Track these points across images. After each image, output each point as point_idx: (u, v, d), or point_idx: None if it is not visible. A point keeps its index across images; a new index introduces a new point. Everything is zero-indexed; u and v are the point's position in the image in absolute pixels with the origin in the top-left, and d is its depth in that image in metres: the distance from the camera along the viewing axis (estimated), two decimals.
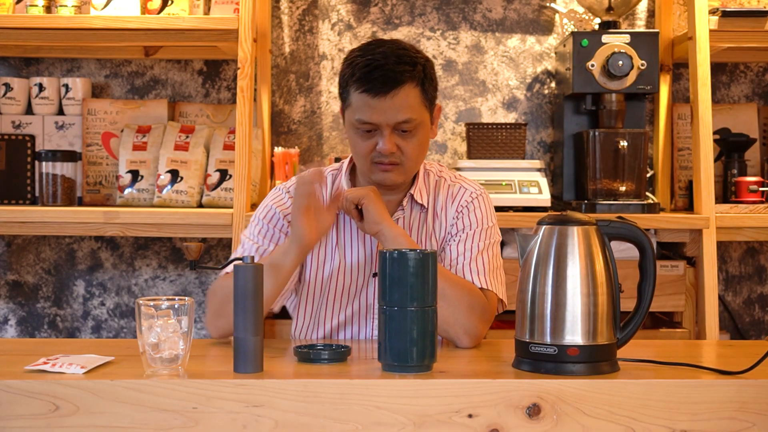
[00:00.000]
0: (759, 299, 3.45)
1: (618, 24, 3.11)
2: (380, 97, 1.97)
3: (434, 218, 2.13)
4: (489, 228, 2.12)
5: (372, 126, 2.00)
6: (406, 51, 2.02)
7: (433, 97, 2.06)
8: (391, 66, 1.97)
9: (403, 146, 2.02)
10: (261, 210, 2.14)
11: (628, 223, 1.75)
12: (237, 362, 1.67)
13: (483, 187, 2.19)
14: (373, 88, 1.97)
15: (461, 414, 1.58)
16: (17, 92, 3.33)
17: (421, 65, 2.01)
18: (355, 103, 2.01)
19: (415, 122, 2.01)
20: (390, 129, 2.00)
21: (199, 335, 3.44)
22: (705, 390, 1.62)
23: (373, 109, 1.98)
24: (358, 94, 1.99)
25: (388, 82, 1.96)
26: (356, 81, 1.99)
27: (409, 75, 1.98)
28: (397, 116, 1.99)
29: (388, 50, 2.00)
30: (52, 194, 3.12)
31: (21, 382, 1.59)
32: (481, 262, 2.06)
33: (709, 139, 2.96)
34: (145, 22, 3.00)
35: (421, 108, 2.02)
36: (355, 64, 2.00)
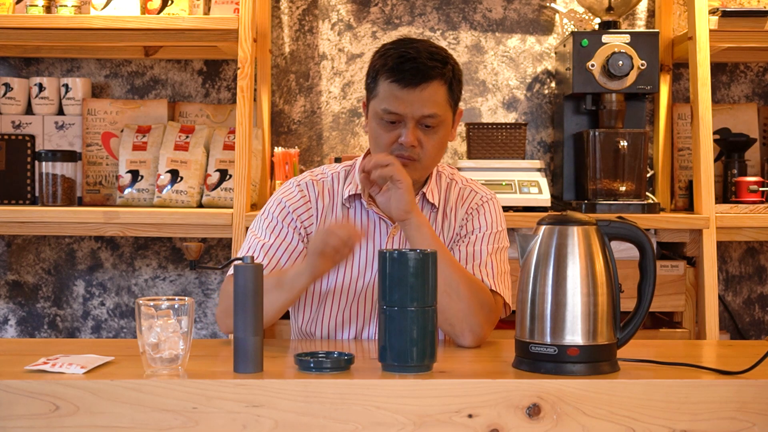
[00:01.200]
0: (759, 299, 3.45)
1: (618, 24, 3.11)
2: (410, 88, 2.00)
3: (443, 219, 2.14)
4: (498, 232, 2.13)
5: (397, 117, 2.02)
6: (439, 50, 2.06)
7: (458, 99, 2.09)
8: (423, 60, 2.00)
9: (424, 141, 2.04)
10: (272, 204, 2.13)
11: (628, 223, 1.75)
12: (237, 362, 1.67)
13: (494, 193, 2.20)
14: (403, 79, 1.99)
15: (461, 414, 1.58)
16: (17, 92, 3.33)
17: (452, 65, 2.05)
18: (382, 93, 2.03)
19: (439, 119, 2.03)
20: (414, 122, 2.02)
21: (199, 335, 3.44)
22: (705, 390, 1.62)
23: (400, 100, 2.01)
24: (387, 83, 2.02)
25: (418, 74, 1.99)
26: (388, 71, 2.01)
27: (439, 72, 2.01)
28: (423, 110, 2.01)
29: (421, 46, 2.03)
30: (52, 194, 3.12)
31: (21, 382, 1.59)
32: (491, 265, 2.07)
33: (709, 139, 2.96)
34: (145, 22, 3.00)
35: (446, 106, 2.05)
36: (388, 55, 2.03)
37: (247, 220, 2.89)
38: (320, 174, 2.17)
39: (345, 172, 2.17)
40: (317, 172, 2.18)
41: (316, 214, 2.12)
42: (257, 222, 2.13)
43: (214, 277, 3.44)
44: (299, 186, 2.14)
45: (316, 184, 2.14)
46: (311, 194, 2.12)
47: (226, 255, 3.41)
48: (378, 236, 2.11)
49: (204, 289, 3.46)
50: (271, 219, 2.11)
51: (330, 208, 2.12)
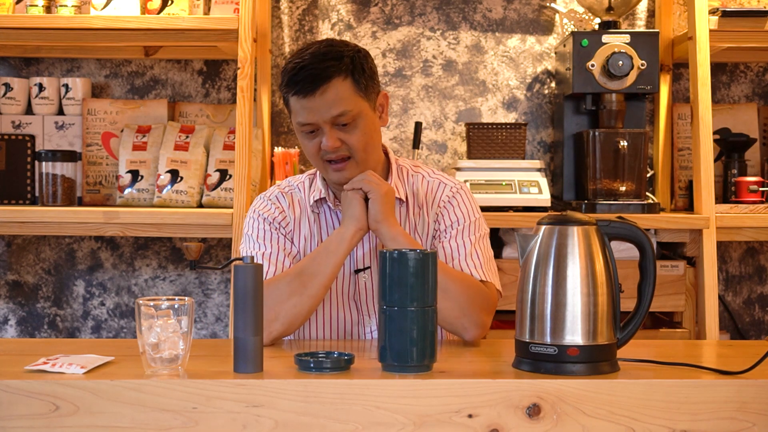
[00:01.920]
0: (759, 299, 3.45)
1: (618, 24, 3.11)
2: (310, 96, 2.00)
3: (416, 212, 2.15)
4: (476, 220, 2.15)
5: (312, 126, 2.03)
6: (333, 47, 2.04)
7: (368, 86, 2.06)
8: (315, 64, 2.00)
9: (346, 139, 2.04)
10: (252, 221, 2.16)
11: (628, 223, 1.75)
12: (237, 362, 1.67)
13: (462, 181, 2.21)
14: (302, 89, 2.00)
15: (461, 414, 1.58)
16: (17, 92, 3.33)
17: (349, 57, 2.03)
18: (293, 108, 2.05)
19: (352, 113, 2.03)
20: (329, 125, 2.03)
21: (199, 335, 3.44)
22: (705, 390, 1.62)
23: (307, 109, 2.02)
24: (292, 97, 2.03)
25: (315, 79, 1.99)
26: (286, 85, 2.03)
27: (335, 69, 2.01)
28: (331, 111, 2.01)
29: (315, 50, 2.03)
30: (52, 194, 3.12)
31: (21, 382, 1.59)
32: (476, 255, 2.09)
33: (709, 139, 2.96)
34: (145, 22, 3.00)
35: (355, 98, 2.03)
36: (285, 70, 2.05)
37: None
38: (287, 186, 2.21)
39: (309, 180, 2.20)
40: (283, 185, 2.22)
41: (291, 221, 2.15)
42: (247, 241, 2.15)
43: (214, 277, 3.44)
44: (270, 200, 2.18)
45: (285, 196, 2.18)
46: (283, 204, 2.17)
47: (226, 255, 3.41)
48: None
49: (204, 289, 3.46)
50: (259, 232, 2.13)
51: (302, 216, 2.16)
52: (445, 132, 3.42)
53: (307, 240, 2.14)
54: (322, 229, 2.15)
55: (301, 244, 2.14)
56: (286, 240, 2.13)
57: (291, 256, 2.11)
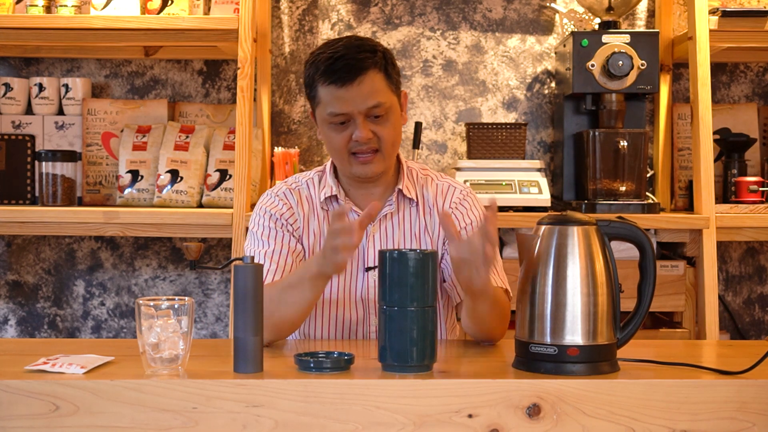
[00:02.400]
0: (759, 299, 3.45)
1: (618, 24, 3.11)
2: (347, 85, 2.00)
3: (426, 213, 2.15)
4: None
5: (345, 117, 2.03)
6: (364, 41, 2.07)
7: (397, 83, 2.10)
8: (352, 54, 2.01)
9: (378, 131, 2.04)
10: (258, 217, 2.15)
11: (628, 223, 1.75)
12: (237, 362, 1.67)
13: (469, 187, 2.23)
14: (339, 78, 2.00)
15: (461, 414, 1.58)
16: (17, 92, 3.33)
17: (381, 52, 2.06)
18: (324, 98, 2.04)
19: (386, 106, 2.04)
20: (363, 116, 2.03)
21: (199, 335, 3.44)
22: (705, 390, 1.62)
23: (342, 99, 2.02)
24: (325, 87, 2.03)
25: (352, 69, 2.00)
26: (322, 75, 2.03)
27: (371, 61, 2.02)
28: (367, 102, 2.02)
29: (348, 42, 2.05)
30: (52, 194, 3.12)
31: (21, 382, 1.59)
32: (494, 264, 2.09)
33: (709, 139, 2.96)
34: (145, 22, 3.00)
35: (388, 92, 2.05)
36: (318, 60, 2.05)
37: (247, 220, 2.89)
38: (294, 183, 2.20)
39: (318, 177, 2.19)
40: (291, 181, 2.21)
41: (300, 218, 2.14)
42: (251, 237, 2.14)
43: (214, 277, 3.44)
44: (278, 196, 2.16)
45: (294, 192, 2.16)
46: (291, 201, 2.15)
47: (226, 255, 3.41)
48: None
49: (204, 289, 3.46)
50: (264, 228, 2.12)
51: (311, 213, 2.15)
52: (445, 132, 3.42)
53: (316, 237, 2.13)
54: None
55: (310, 242, 2.12)
56: (292, 237, 2.11)
57: (295, 255, 2.09)
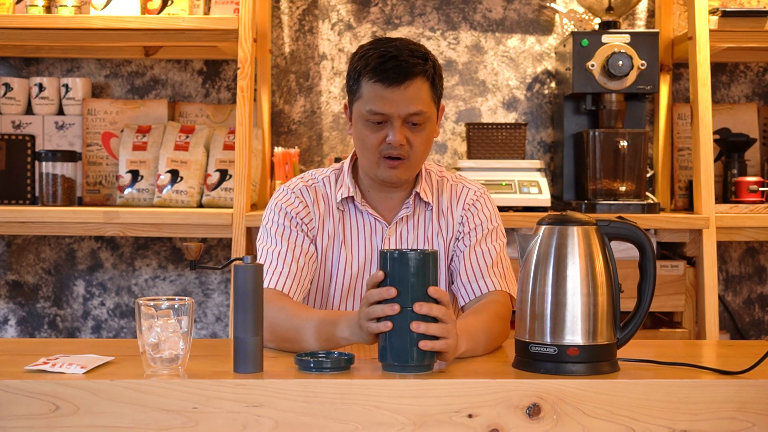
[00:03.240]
0: (759, 299, 3.45)
1: (618, 24, 3.11)
2: (394, 87, 1.99)
3: (440, 217, 2.15)
4: (499, 226, 2.16)
5: (383, 117, 2.01)
6: (418, 47, 2.05)
7: (440, 95, 2.09)
8: (405, 57, 1.99)
9: (412, 139, 2.03)
10: (272, 213, 2.11)
11: (628, 223, 1.75)
12: (237, 362, 1.67)
13: (483, 186, 2.21)
14: (387, 78, 1.98)
15: (461, 414, 1.58)
16: (17, 92, 3.33)
17: (432, 62, 2.05)
18: (366, 94, 2.02)
19: (425, 115, 2.03)
20: (401, 121, 2.01)
21: (199, 335, 3.44)
22: (705, 390, 1.61)
23: (385, 99, 1.99)
24: (371, 84, 2.00)
25: (402, 72, 1.98)
26: (370, 71, 2.00)
27: (421, 69, 2.01)
28: (409, 107, 2.00)
29: (401, 44, 2.02)
30: (52, 194, 3.12)
31: (21, 382, 1.59)
32: (501, 264, 2.10)
33: (709, 139, 2.96)
34: (145, 22, 3.00)
35: (430, 103, 2.04)
36: (368, 55, 2.02)
37: (247, 220, 2.89)
38: (311, 179, 2.16)
39: (335, 176, 2.16)
40: (307, 177, 2.17)
41: (315, 218, 2.11)
42: (264, 234, 2.11)
43: (214, 277, 3.44)
44: (294, 192, 2.13)
45: (310, 190, 2.13)
46: (307, 199, 2.12)
47: (226, 255, 3.41)
48: (374, 237, 2.11)
49: (204, 289, 3.46)
50: (277, 226, 2.09)
51: (327, 212, 2.12)
52: (445, 132, 3.42)
53: (330, 238, 2.11)
54: (346, 229, 2.11)
55: (324, 243, 2.10)
56: (306, 237, 2.08)
57: (308, 256, 2.07)
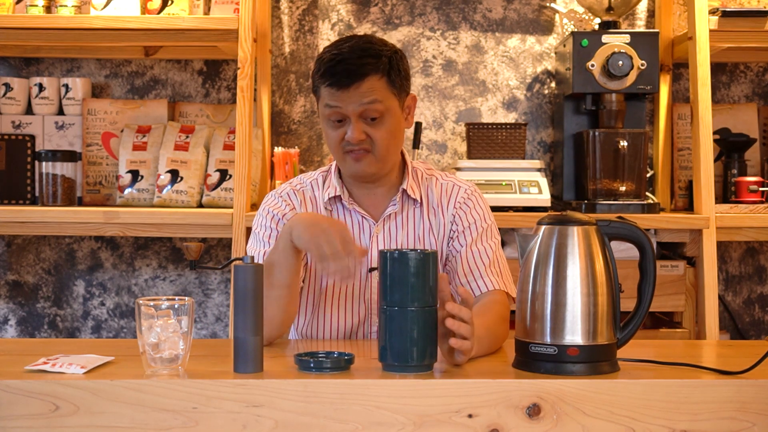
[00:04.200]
0: (759, 299, 3.45)
1: (618, 24, 3.11)
2: (344, 89, 2.01)
3: (431, 214, 2.15)
4: (493, 224, 2.17)
5: (340, 114, 2.04)
6: (372, 45, 2.06)
7: (401, 86, 2.08)
8: (354, 60, 2.01)
9: (372, 134, 2.05)
10: (261, 218, 2.15)
11: (628, 223, 1.75)
12: (237, 362, 1.67)
13: (474, 184, 2.22)
14: (337, 82, 2.01)
15: (461, 414, 1.58)
16: (17, 92, 3.33)
17: (387, 57, 2.05)
18: (323, 95, 2.06)
19: (381, 109, 2.04)
20: (356, 116, 2.03)
21: (199, 335, 3.44)
22: (705, 390, 1.62)
23: (338, 98, 2.03)
24: (325, 87, 2.04)
25: (351, 75, 2.01)
26: (321, 75, 2.04)
27: (372, 67, 2.02)
28: (362, 100, 2.02)
29: (354, 45, 2.04)
30: (52, 194, 3.12)
31: (21, 382, 1.59)
32: (498, 263, 2.11)
33: (709, 139, 2.96)
34: (145, 22, 3.00)
35: (387, 95, 2.05)
36: (322, 59, 2.05)
37: (247, 220, 2.89)
38: (298, 183, 2.20)
39: (322, 178, 2.20)
40: (295, 182, 2.21)
41: None
42: (253, 238, 2.15)
43: (214, 277, 3.44)
44: (282, 197, 2.17)
45: (297, 193, 2.17)
46: (295, 202, 2.15)
47: (226, 255, 3.41)
48: (361, 235, 2.13)
49: (204, 289, 3.46)
50: (265, 229, 2.13)
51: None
52: (445, 132, 3.42)
53: None
54: None
55: None
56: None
57: None
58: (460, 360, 1.72)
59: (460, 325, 1.68)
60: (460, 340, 1.68)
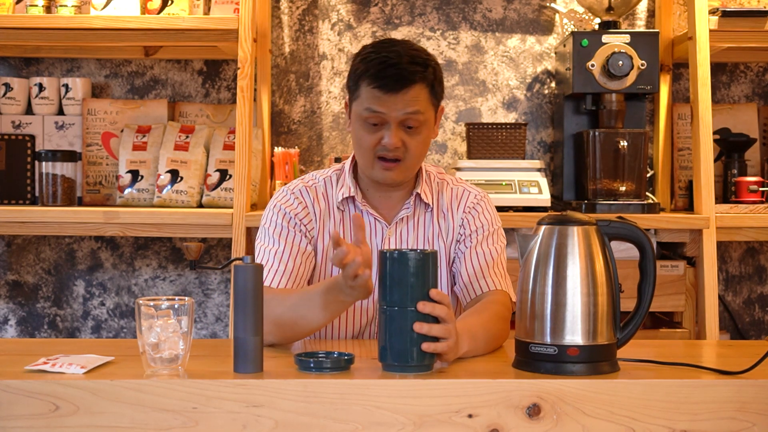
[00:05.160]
0: (759, 299, 3.45)
1: (618, 24, 3.11)
2: (391, 93, 2.00)
3: (441, 218, 2.15)
4: (499, 228, 2.18)
5: (380, 118, 2.02)
6: (419, 52, 2.05)
7: (440, 98, 2.10)
8: (404, 65, 2.00)
9: (407, 142, 2.04)
10: (271, 214, 2.13)
11: (628, 223, 1.75)
12: (237, 362, 1.67)
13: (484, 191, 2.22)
14: (385, 85, 2.00)
15: (461, 414, 1.58)
16: (17, 92, 3.33)
17: (432, 67, 2.05)
18: (365, 96, 2.03)
19: (422, 119, 2.03)
20: (397, 123, 2.02)
21: (199, 335, 3.44)
22: (705, 390, 1.62)
23: (382, 102, 2.01)
24: (370, 89, 2.02)
25: (400, 80, 1.99)
26: (369, 77, 2.01)
27: (421, 76, 2.01)
28: (406, 110, 2.01)
29: (401, 50, 2.03)
30: (52, 194, 3.12)
31: (21, 382, 1.59)
32: (500, 266, 2.12)
33: (709, 139, 2.96)
34: (145, 22, 3.00)
35: (428, 106, 2.05)
36: (369, 60, 2.03)
37: (247, 220, 2.89)
38: (311, 180, 2.18)
39: (336, 176, 2.18)
40: (308, 178, 2.19)
41: (314, 218, 2.12)
42: (262, 233, 2.13)
43: (214, 277, 3.44)
44: (293, 193, 2.14)
45: (310, 190, 2.14)
46: (307, 200, 2.13)
47: (226, 255, 3.41)
48: (374, 237, 2.12)
49: (204, 289, 3.46)
50: (275, 226, 2.10)
51: (327, 212, 2.13)
52: (445, 132, 3.42)
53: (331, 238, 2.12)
54: (346, 230, 2.12)
55: (325, 242, 2.11)
56: (303, 238, 2.09)
57: (305, 256, 2.08)
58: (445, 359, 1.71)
59: (430, 327, 1.66)
60: (431, 344, 1.67)
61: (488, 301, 2.03)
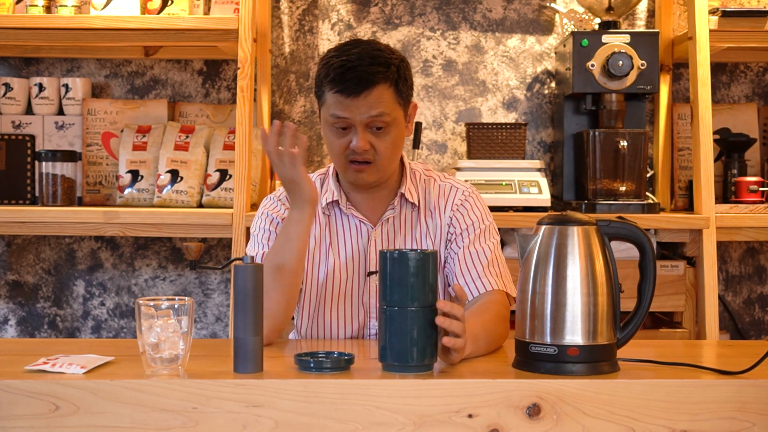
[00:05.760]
0: (759, 299, 3.45)
1: (618, 24, 3.11)
2: (353, 97, 1.99)
3: (428, 217, 2.15)
4: (491, 224, 2.16)
5: (346, 123, 2.02)
6: (381, 52, 2.03)
7: (407, 96, 2.08)
8: (364, 67, 1.99)
9: (376, 144, 2.03)
10: (260, 221, 2.15)
11: (628, 223, 1.75)
12: (237, 362, 1.67)
13: (472, 185, 2.20)
14: (346, 89, 1.99)
15: (461, 414, 1.58)
16: (17, 92, 3.33)
17: (395, 66, 2.03)
18: (329, 101, 2.03)
19: (388, 119, 2.03)
20: (363, 126, 2.02)
21: (199, 335, 3.44)
22: (705, 390, 1.62)
23: (346, 106, 2.01)
24: (332, 94, 2.01)
25: (361, 83, 1.98)
26: (330, 81, 2.01)
27: (383, 76, 2.00)
28: (370, 112, 2.00)
29: (362, 51, 2.01)
30: (52, 194, 3.12)
31: (21, 382, 1.59)
32: (497, 263, 2.10)
33: (709, 139, 2.96)
34: (145, 22, 3.00)
35: (394, 106, 2.04)
36: (330, 64, 2.02)
37: (247, 220, 2.89)
38: None
39: (320, 181, 2.19)
40: None
41: None
42: (252, 239, 2.15)
43: (214, 277, 3.44)
44: (280, 200, 2.16)
45: None
46: None
47: (226, 255, 3.41)
48: (359, 239, 2.12)
49: (204, 289, 3.46)
50: (264, 231, 2.13)
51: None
52: (445, 132, 3.42)
53: (317, 242, 2.13)
54: (332, 233, 2.13)
55: (311, 247, 2.12)
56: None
57: None
58: (454, 358, 1.72)
59: (451, 323, 1.67)
60: (452, 338, 1.67)
61: (487, 302, 2.03)
